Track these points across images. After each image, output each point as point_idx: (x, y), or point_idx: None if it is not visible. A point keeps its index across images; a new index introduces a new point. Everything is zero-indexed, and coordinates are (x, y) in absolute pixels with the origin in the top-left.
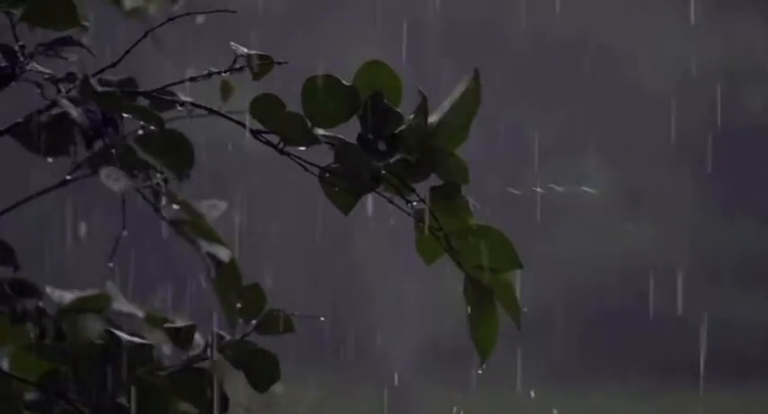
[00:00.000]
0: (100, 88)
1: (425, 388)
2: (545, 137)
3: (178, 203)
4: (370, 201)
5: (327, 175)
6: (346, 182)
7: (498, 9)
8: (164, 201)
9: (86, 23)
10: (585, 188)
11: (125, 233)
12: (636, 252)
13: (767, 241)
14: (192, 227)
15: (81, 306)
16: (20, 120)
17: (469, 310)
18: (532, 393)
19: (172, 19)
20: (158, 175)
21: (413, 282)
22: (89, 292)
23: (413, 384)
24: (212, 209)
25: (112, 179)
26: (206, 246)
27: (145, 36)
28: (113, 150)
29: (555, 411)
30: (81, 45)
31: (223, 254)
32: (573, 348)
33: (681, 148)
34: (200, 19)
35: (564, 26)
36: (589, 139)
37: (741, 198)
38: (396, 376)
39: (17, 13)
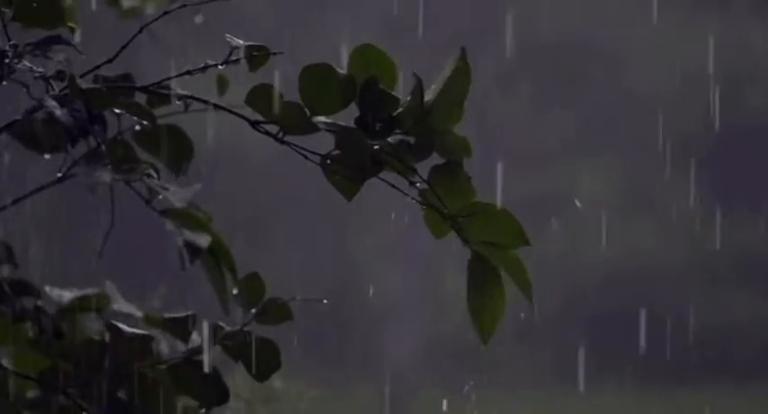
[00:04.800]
0: (87, 86)
1: (425, 388)
2: (545, 137)
3: (166, 194)
4: (370, 201)
5: (329, 162)
6: (349, 168)
7: (498, 9)
8: (154, 192)
9: (73, 24)
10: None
11: (112, 237)
12: (636, 252)
13: (767, 241)
14: (182, 216)
15: (80, 306)
16: (17, 117)
17: (470, 291)
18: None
19: (167, 12)
20: (150, 168)
21: (413, 281)
22: (88, 291)
23: (413, 384)
24: (185, 192)
25: (93, 175)
26: (187, 234)
27: (140, 31)
28: (103, 147)
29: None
30: (69, 43)
31: (201, 240)
32: (572, 348)
33: (681, 149)
34: (198, 18)
35: (564, 27)
36: (589, 139)
37: (741, 198)
38: (396, 376)
39: (8, 11)
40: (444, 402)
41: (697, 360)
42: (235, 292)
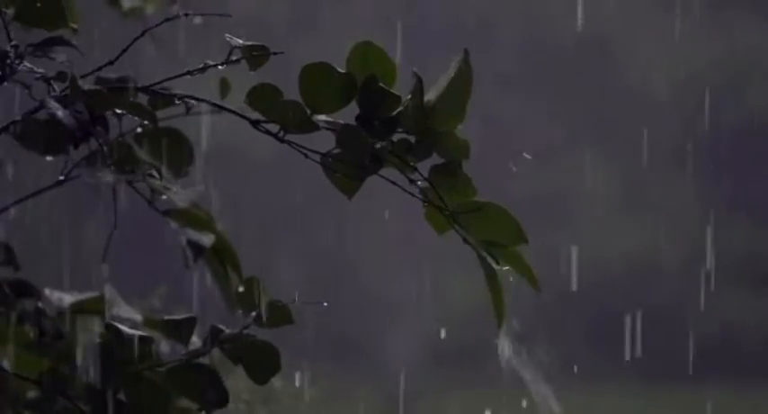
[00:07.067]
0: (88, 87)
1: (425, 388)
2: (545, 136)
3: (169, 194)
4: (370, 201)
5: (330, 160)
6: (349, 166)
7: (498, 9)
8: (157, 193)
9: (74, 25)
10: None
11: (116, 232)
12: (636, 252)
13: (767, 241)
14: (185, 216)
15: (80, 309)
16: (17, 118)
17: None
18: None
19: (169, 19)
20: (152, 169)
21: (413, 281)
22: (88, 294)
23: (413, 384)
24: (189, 193)
25: (96, 176)
26: (190, 233)
27: (142, 35)
28: (105, 149)
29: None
30: (71, 45)
31: (205, 239)
32: (573, 348)
33: (681, 148)
34: (197, 19)
35: (564, 26)
36: (589, 138)
37: (741, 198)
38: (396, 376)
39: (9, 12)
40: (445, 403)
41: (697, 360)
42: (240, 289)
